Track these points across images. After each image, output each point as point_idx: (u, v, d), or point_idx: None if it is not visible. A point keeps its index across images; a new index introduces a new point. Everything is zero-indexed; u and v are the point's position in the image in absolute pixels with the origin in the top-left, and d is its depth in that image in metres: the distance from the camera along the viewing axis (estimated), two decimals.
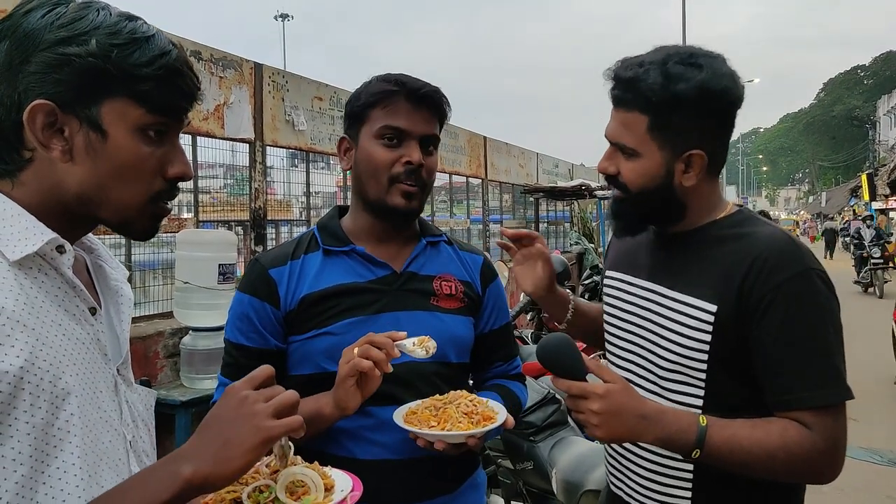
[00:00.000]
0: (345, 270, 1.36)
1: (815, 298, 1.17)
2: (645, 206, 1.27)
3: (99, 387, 0.81)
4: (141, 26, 0.81)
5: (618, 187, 1.28)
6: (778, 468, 1.15)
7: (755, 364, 1.19)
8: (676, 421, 1.16)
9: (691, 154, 1.22)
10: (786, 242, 1.20)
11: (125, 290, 0.93)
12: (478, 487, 1.46)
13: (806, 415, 1.15)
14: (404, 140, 1.34)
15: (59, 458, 0.74)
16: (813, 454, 1.14)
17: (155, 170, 0.83)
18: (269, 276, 1.35)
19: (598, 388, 1.14)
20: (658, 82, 1.18)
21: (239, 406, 0.78)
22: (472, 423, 1.24)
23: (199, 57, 4.94)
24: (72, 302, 0.81)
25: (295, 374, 1.35)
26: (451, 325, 1.39)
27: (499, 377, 1.54)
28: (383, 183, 1.34)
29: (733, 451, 1.14)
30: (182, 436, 3.59)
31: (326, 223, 1.44)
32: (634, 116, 1.22)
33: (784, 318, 1.15)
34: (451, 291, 1.42)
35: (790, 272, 1.17)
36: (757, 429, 1.15)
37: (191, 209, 5.08)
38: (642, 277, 1.35)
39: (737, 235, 1.25)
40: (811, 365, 1.15)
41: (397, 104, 1.34)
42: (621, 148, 1.25)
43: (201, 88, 0.87)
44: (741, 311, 1.18)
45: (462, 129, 10.07)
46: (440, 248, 1.47)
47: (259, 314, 1.34)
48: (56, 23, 0.77)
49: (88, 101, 0.78)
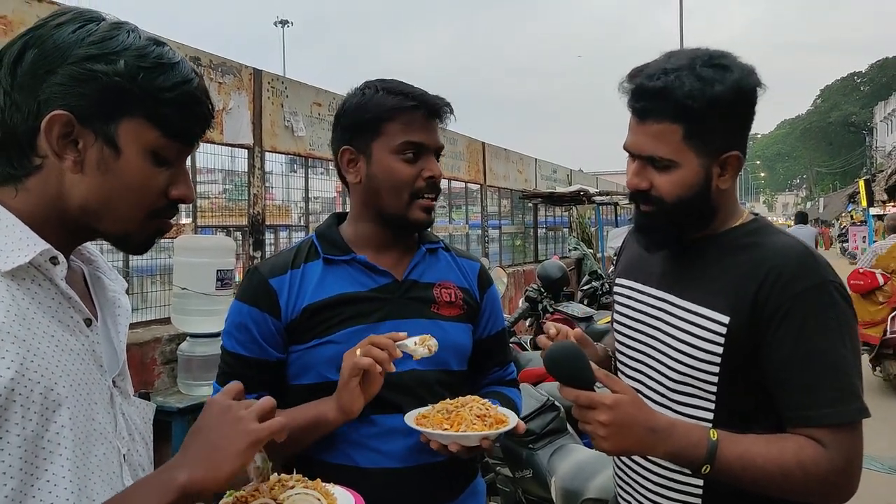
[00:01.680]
0: (346, 279, 1.36)
1: (831, 312, 1.13)
2: (681, 217, 1.23)
3: (93, 398, 0.80)
4: (168, 52, 0.84)
5: (649, 202, 1.23)
6: (793, 487, 1.12)
7: (768, 377, 1.16)
8: (686, 435, 1.12)
9: (728, 156, 1.20)
10: (802, 253, 1.17)
11: (123, 302, 0.93)
12: (477, 495, 1.46)
13: (822, 432, 1.11)
14: (423, 154, 1.35)
15: (49, 471, 0.73)
16: (829, 474, 1.10)
17: (160, 190, 0.85)
18: (270, 286, 1.34)
19: (607, 398, 1.11)
20: (695, 87, 1.14)
21: (223, 414, 0.81)
22: (486, 426, 1.24)
23: (199, 63, 4.94)
24: (66, 313, 0.81)
25: (296, 383, 1.35)
26: (452, 333, 1.39)
27: (495, 383, 1.55)
28: (405, 198, 1.34)
29: (746, 468, 1.10)
30: (179, 443, 3.56)
31: (325, 231, 1.43)
32: (667, 127, 1.17)
33: (799, 332, 1.12)
34: (451, 299, 1.42)
35: (807, 284, 1.13)
36: (772, 446, 1.11)
37: (189, 215, 5.07)
38: (653, 286, 1.32)
39: (752, 244, 1.22)
40: (828, 381, 1.12)
41: (416, 119, 1.34)
42: (653, 161, 1.21)
43: (215, 116, 0.90)
44: (754, 323, 1.15)
45: (461, 134, 10.08)
46: (438, 256, 1.48)
47: (259, 325, 1.33)
48: (87, 39, 0.79)
49: (107, 118, 0.80)
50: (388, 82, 1.38)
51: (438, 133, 1.38)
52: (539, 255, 12.54)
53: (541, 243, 13.09)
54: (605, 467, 2.31)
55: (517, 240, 12.68)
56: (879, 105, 49.99)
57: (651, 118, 1.19)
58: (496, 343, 1.54)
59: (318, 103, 6.35)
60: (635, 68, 1.23)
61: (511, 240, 12.39)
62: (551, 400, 2.79)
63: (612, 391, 1.13)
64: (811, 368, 1.12)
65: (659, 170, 1.20)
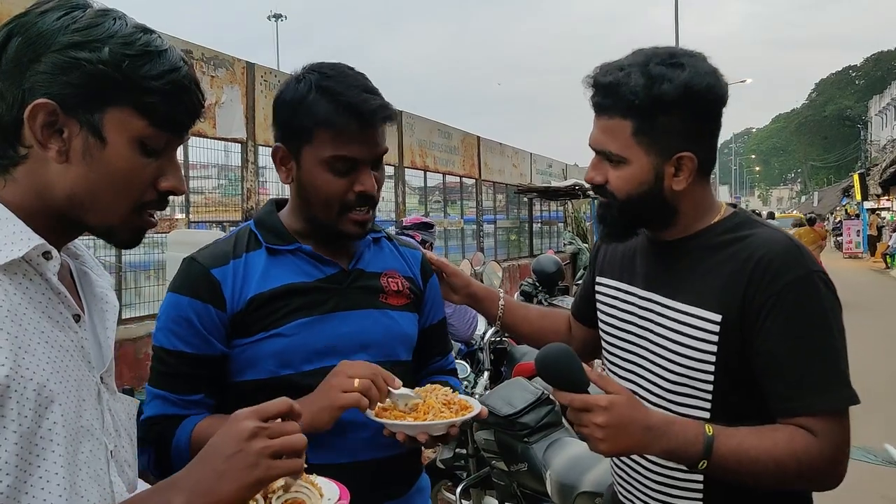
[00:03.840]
0: (292, 270, 1.29)
1: (818, 302, 1.14)
2: (633, 213, 1.24)
3: (82, 395, 0.79)
4: (155, 40, 0.81)
5: (605, 196, 1.25)
6: (786, 477, 1.13)
7: (757, 369, 1.16)
8: (683, 432, 1.13)
9: (681, 156, 1.20)
10: (786, 245, 1.18)
11: (110, 298, 0.92)
12: (423, 492, 1.44)
13: (811, 420, 1.12)
14: (356, 168, 1.26)
15: (42, 468, 0.73)
16: (820, 461, 1.12)
17: (148, 181, 0.83)
18: (212, 276, 1.26)
19: (602, 399, 1.10)
20: (640, 84, 1.15)
21: (239, 439, 0.78)
22: (452, 413, 1.22)
23: (191, 56, 4.91)
24: (55, 309, 0.80)
25: (241, 380, 1.28)
26: (401, 323, 1.36)
27: (436, 373, 1.52)
28: (334, 211, 1.27)
29: (741, 461, 1.11)
30: None
31: (264, 219, 1.35)
32: (617, 122, 1.19)
33: (787, 323, 1.13)
34: (398, 288, 1.38)
35: (792, 275, 1.14)
36: (764, 437, 1.13)
37: (183, 210, 5.05)
38: (639, 286, 1.31)
39: (735, 240, 1.21)
40: (816, 370, 1.13)
41: (348, 131, 1.23)
42: (607, 156, 1.22)
43: (205, 106, 0.87)
44: (745, 318, 1.16)
45: (455, 129, 10.06)
46: (382, 245, 1.44)
47: (201, 317, 1.24)
48: (71, 26, 0.77)
49: (92, 107, 0.78)
50: (326, 78, 1.26)
51: (378, 140, 1.28)
52: (534, 249, 12.56)
53: (536, 238, 13.10)
54: (600, 461, 2.31)
55: (512, 234, 12.70)
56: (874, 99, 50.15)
57: (603, 113, 1.21)
58: (438, 332, 1.52)
59: None
60: (602, 63, 1.24)
61: (506, 234, 12.41)
62: (546, 394, 2.79)
63: (607, 392, 1.12)
64: (799, 358, 1.13)
65: (612, 165, 1.22)
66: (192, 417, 1.25)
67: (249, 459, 0.77)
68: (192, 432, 1.21)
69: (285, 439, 0.79)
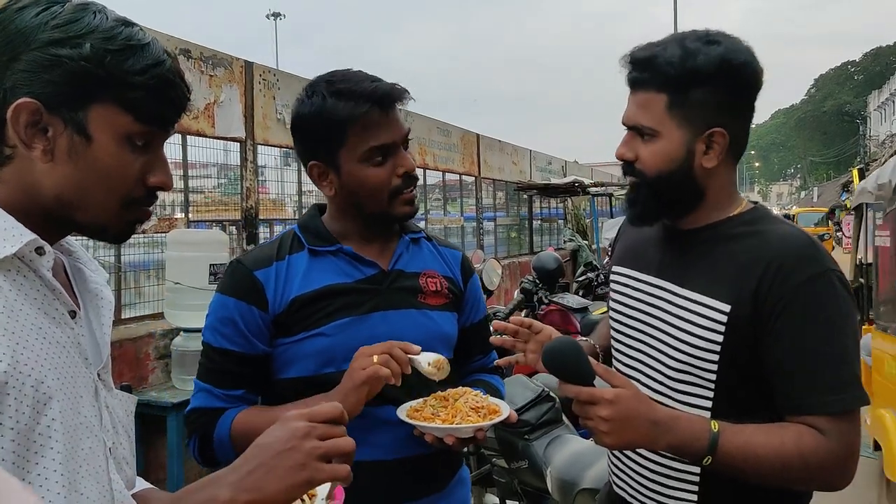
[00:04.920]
0: (333, 270, 1.34)
1: (833, 301, 1.13)
2: (664, 192, 1.22)
3: (79, 391, 0.79)
4: (137, 33, 0.80)
5: (634, 174, 1.24)
6: (792, 476, 1.12)
7: (768, 366, 1.15)
8: (689, 427, 1.12)
9: (713, 132, 1.18)
10: (804, 242, 1.17)
11: (105, 294, 0.91)
12: (464, 483, 1.47)
13: (821, 420, 1.11)
14: (391, 153, 1.31)
15: (41, 465, 0.72)
16: (828, 461, 1.11)
17: (135, 177, 0.82)
18: (256, 278, 1.31)
19: (608, 393, 1.10)
20: (676, 56, 1.16)
21: (290, 438, 0.78)
22: (480, 417, 1.25)
23: (189, 55, 4.90)
24: (51, 305, 0.79)
25: (283, 377, 1.33)
26: (440, 322, 1.40)
27: (478, 371, 1.56)
28: (384, 199, 1.32)
29: (747, 459, 1.10)
30: (174, 438, 3.57)
31: (308, 223, 1.40)
32: (652, 96, 1.19)
33: (801, 322, 1.12)
34: (437, 288, 1.41)
35: (809, 273, 1.13)
36: (772, 436, 1.12)
37: (183, 209, 5.04)
38: (651, 274, 1.30)
39: (753, 233, 1.20)
40: (829, 370, 1.12)
41: (374, 119, 1.28)
42: (639, 130, 1.21)
43: (191, 99, 0.87)
44: (756, 312, 1.14)
45: (455, 126, 10.05)
46: (421, 245, 1.47)
47: (245, 318, 1.30)
48: (50, 22, 0.75)
49: (76, 105, 0.77)
50: (334, 83, 1.30)
51: (400, 121, 1.33)
52: (534, 246, 12.54)
53: (536, 235, 13.09)
54: (600, 458, 2.31)
55: (512, 231, 12.69)
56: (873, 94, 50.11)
57: (639, 87, 1.21)
58: (479, 331, 1.54)
59: None
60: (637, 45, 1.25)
61: (506, 231, 12.40)
62: (546, 391, 2.79)
63: (612, 385, 1.12)
64: (812, 358, 1.12)
65: (644, 141, 1.21)
66: (232, 410, 1.30)
67: (299, 459, 0.77)
68: (233, 423, 1.28)
69: (335, 442, 0.80)
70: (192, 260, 3.80)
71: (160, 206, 5.17)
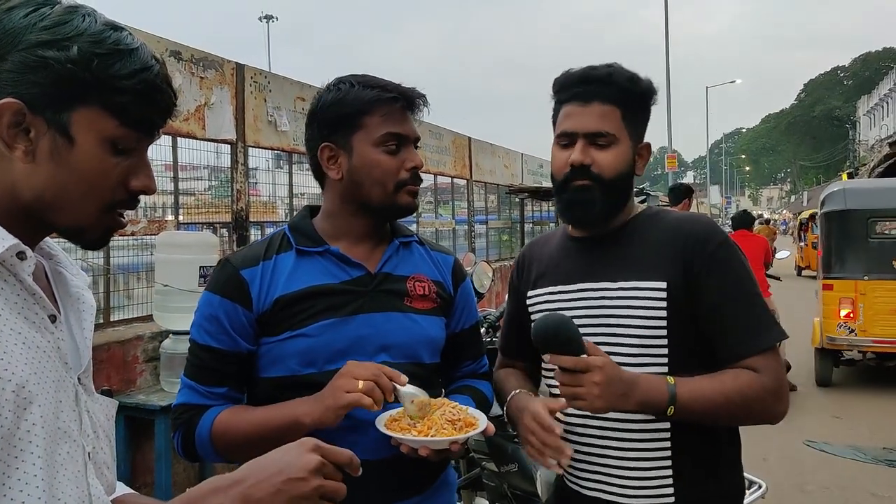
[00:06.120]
0: (319, 271, 1.35)
1: (739, 261, 1.37)
2: (616, 192, 1.39)
3: (59, 396, 0.78)
4: (125, 38, 0.80)
5: (588, 177, 1.37)
6: (737, 411, 1.30)
7: (704, 324, 1.33)
8: (649, 383, 1.27)
9: (644, 144, 1.44)
10: (704, 219, 1.43)
11: (87, 297, 0.90)
12: (449, 485, 1.46)
13: (753, 360, 1.30)
14: (403, 145, 1.36)
15: (21, 469, 0.71)
16: (763, 393, 1.29)
17: (118, 181, 0.82)
18: (241, 276, 1.33)
19: (598, 360, 1.22)
20: (626, 76, 1.39)
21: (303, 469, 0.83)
22: (455, 430, 1.24)
23: (180, 57, 4.88)
24: (31, 309, 0.78)
25: (266, 376, 1.34)
26: (425, 326, 1.39)
27: (468, 377, 1.56)
28: (390, 189, 1.35)
29: (699, 402, 1.27)
30: (162, 441, 3.54)
31: (298, 223, 1.42)
32: (611, 108, 1.37)
33: (723, 279, 1.33)
34: (425, 292, 1.41)
35: (718, 240, 1.36)
36: (714, 380, 1.30)
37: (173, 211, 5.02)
38: (577, 282, 1.43)
39: (660, 220, 1.43)
40: (751, 316, 1.33)
41: (395, 111, 1.35)
42: (597, 137, 1.37)
43: (178, 104, 0.86)
44: (686, 281, 1.33)
45: (446, 129, 10.06)
46: (412, 249, 1.47)
47: (230, 316, 1.31)
48: (39, 24, 0.75)
49: (60, 107, 0.76)
50: (361, 77, 1.38)
51: (414, 124, 1.40)
52: None
53: (527, 238, 13.09)
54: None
55: (504, 235, 12.71)
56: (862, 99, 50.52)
57: (597, 100, 1.37)
58: (469, 337, 1.54)
59: (302, 98, 6.30)
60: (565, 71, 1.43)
61: (498, 235, 12.41)
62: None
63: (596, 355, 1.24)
64: (738, 306, 1.33)
65: (601, 147, 1.37)
66: (215, 408, 1.32)
67: (306, 492, 0.82)
68: (213, 423, 1.29)
69: (336, 486, 0.85)
70: (181, 262, 3.78)
71: (150, 208, 5.15)
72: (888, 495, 4.28)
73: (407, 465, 1.29)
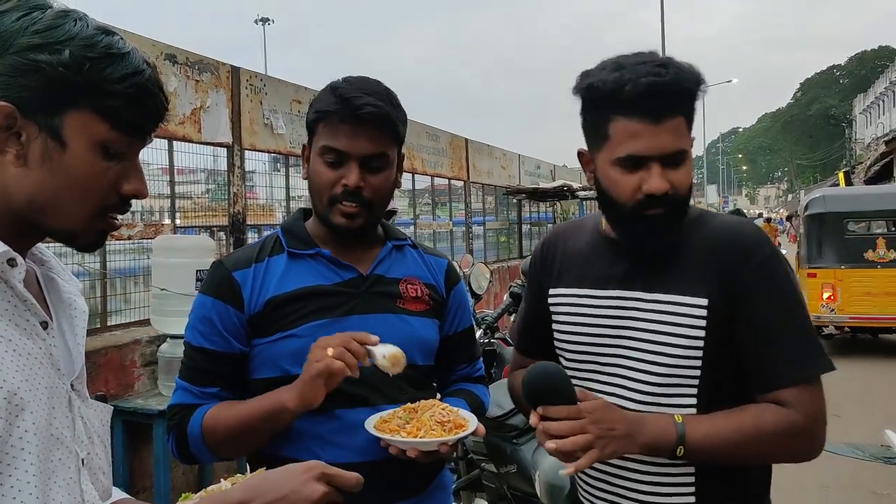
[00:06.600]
0: (310, 273, 1.35)
1: (787, 277, 1.21)
2: (686, 209, 1.23)
3: (52, 402, 0.78)
4: (117, 42, 0.80)
5: (664, 205, 1.18)
6: (759, 451, 1.17)
7: (742, 348, 1.19)
8: (655, 423, 1.17)
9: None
10: (750, 225, 1.26)
11: (79, 303, 0.90)
12: (444, 488, 1.45)
13: (786, 393, 1.16)
14: (344, 161, 1.31)
15: (14, 476, 0.71)
16: (792, 432, 1.15)
17: (109, 185, 0.82)
18: (233, 278, 1.34)
19: (587, 405, 1.15)
20: (697, 81, 1.18)
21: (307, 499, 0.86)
22: (445, 431, 1.24)
23: (175, 60, 4.87)
24: (22, 316, 0.78)
25: (258, 377, 1.34)
26: (417, 328, 1.39)
27: (462, 380, 1.56)
28: (325, 202, 1.34)
29: (714, 442, 1.15)
30: (160, 446, 3.53)
31: (291, 226, 1.42)
32: (679, 121, 1.18)
33: (767, 297, 1.18)
34: (417, 294, 1.41)
35: (764, 253, 1.20)
36: (731, 417, 1.17)
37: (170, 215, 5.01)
38: (611, 288, 1.28)
39: (701, 226, 1.26)
40: (791, 342, 1.17)
41: (337, 123, 1.30)
42: (675, 157, 1.17)
43: (169, 108, 0.87)
44: (728, 298, 1.19)
45: (443, 131, 10.06)
46: (405, 252, 1.47)
47: (222, 317, 1.32)
48: (31, 28, 0.75)
49: (52, 111, 0.76)
50: (347, 80, 1.35)
51: (369, 140, 1.30)
52: (524, 250, 12.56)
53: (525, 239, 13.11)
54: None
55: (502, 236, 12.70)
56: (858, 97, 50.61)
57: (668, 115, 1.16)
58: (463, 340, 1.54)
59: (298, 101, 6.30)
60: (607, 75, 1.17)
61: (496, 236, 12.41)
62: None
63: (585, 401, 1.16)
64: (778, 330, 1.18)
65: (674, 167, 1.18)
66: (205, 406, 1.32)
67: None
68: (203, 418, 1.30)
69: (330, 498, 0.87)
70: (178, 266, 3.77)
71: (147, 212, 5.14)
72: (887, 493, 4.28)
73: (400, 468, 1.28)
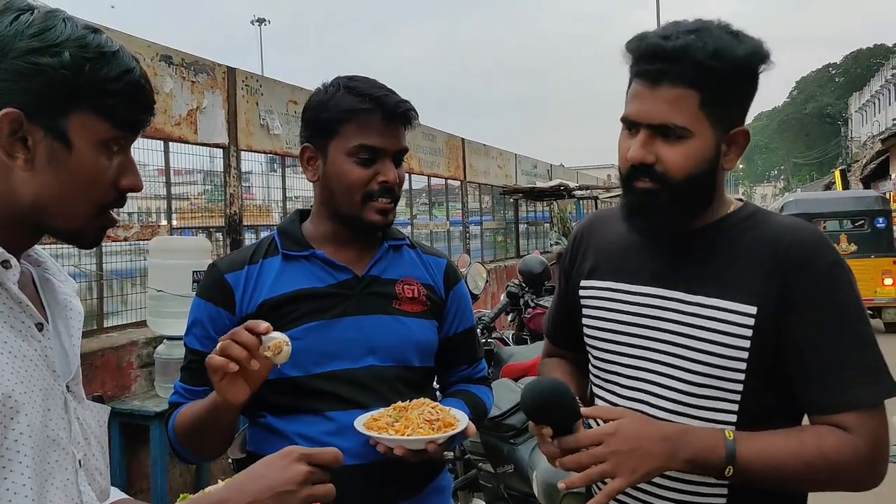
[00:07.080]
0: (304, 275, 1.34)
1: (851, 287, 1.09)
2: (687, 195, 1.11)
3: (47, 404, 0.78)
4: (106, 41, 0.81)
5: (653, 178, 1.10)
6: (817, 478, 1.06)
7: (792, 364, 1.09)
8: (701, 438, 1.05)
9: (737, 131, 1.11)
10: (811, 229, 1.13)
11: (74, 304, 0.90)
12: (443, 491, 1.43)
13: (847, 417, 1.05)
14: (379, 158, 1.32)
15: (9, 479, 0.71)
16: (855, 462, 1.04)
17: (111, 181, 0.83)
18: (226, 280, 1.34)
19: (606, 427, 1.05)
20: (712, 48, 1.05)
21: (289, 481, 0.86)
22: (433, 430, 1.23)
23: (170, 61, 4.86)
24: (17, 318, 0.78)
25: None
26: (414, 329, 1.38)
27: (464, 381, 1.54)
28: (357, 200, 1.32)
29: (767, 464, 1.04)
30: (157, 447, 3.53)
31: (286, 227, 1.42)
32: (684, 92, 1.06)
33: (826, 311, 1.07)
34: (414, 295, 1.40)
35: (826, 261, 1.08)
36: (790, 438, 1.06)
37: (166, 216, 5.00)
38: (645, 283, 1.18)
39: (754, 227, 1.14)
40: (853, 361, 1.06)
41: (372, 122, 1.31)
42: (665, 130, 1.08)
43: (156, 102, 0.88)
44: (781, 307, 1.07)
45: (440, 131, 10.05)
46: (402, 252, 1.45)
47: (213, 320, 1.33)
48: (26, 31, 0.75)
49: (56, 113, 0.77)
50: (354, 80, 1.35)
51: (400, 136, 1.35)
52: (520, 250, 12.58)
53: (522, 238, 13.13)
54: None
55: (499, 235, 12.71)
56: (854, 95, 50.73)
57: (666, 82, 1.07)
58: (464, 340, 1.51)
59: (294, 101, 6.29)
60: (641, 33, 1.12)
61: (492, 235, 12.41)
62: None
63: (605, 421, 1.06)
64: (836, 346, 1.06)
65: (669, 141, 1.09)
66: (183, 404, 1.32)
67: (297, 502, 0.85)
68: (175, 418, 1.31)
69: (326, 488, 0.88)
70: (175, 267, 3.76)
71: (144, 213, 5.13)
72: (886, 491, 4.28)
73: (396, 469, 1.27)
